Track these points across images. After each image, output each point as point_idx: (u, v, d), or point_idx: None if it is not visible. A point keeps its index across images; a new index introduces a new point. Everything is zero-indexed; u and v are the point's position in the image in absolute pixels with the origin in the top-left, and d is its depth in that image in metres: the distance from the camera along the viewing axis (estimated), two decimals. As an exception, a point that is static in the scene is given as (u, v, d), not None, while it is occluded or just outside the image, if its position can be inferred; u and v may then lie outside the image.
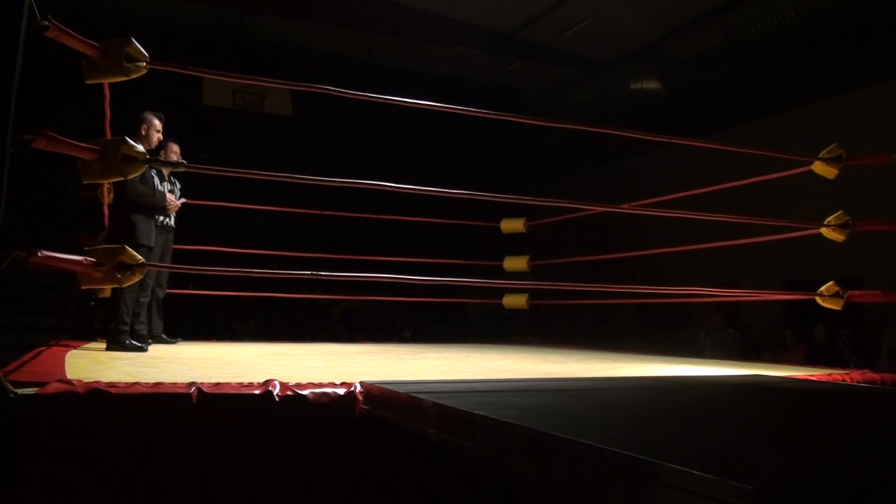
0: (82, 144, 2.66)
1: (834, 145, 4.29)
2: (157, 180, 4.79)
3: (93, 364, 3.36)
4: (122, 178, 3.06)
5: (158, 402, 2.20)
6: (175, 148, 5.13)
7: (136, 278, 2.78)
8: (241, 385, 2.38)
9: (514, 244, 7.01)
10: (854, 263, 7.18)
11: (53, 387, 2.13)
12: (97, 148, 2.70)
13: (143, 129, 4.60)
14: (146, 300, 4.82)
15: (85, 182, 2.83)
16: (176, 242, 5.29)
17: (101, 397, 2.13)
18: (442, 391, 2.35)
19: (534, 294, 6.94)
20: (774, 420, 2.16)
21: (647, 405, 2.37)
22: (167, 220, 5.06)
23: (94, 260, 2.65)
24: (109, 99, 3.82)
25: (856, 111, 8.38)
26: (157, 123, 4.68)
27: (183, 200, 5.19)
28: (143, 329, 4.76)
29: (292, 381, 2.45)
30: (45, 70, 6.32)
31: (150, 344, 4.76)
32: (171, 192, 5.04)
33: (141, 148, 2.81)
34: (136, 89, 3.65)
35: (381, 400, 2.37)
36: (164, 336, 5.27)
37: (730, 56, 8.57)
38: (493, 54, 10.62)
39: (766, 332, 8.32)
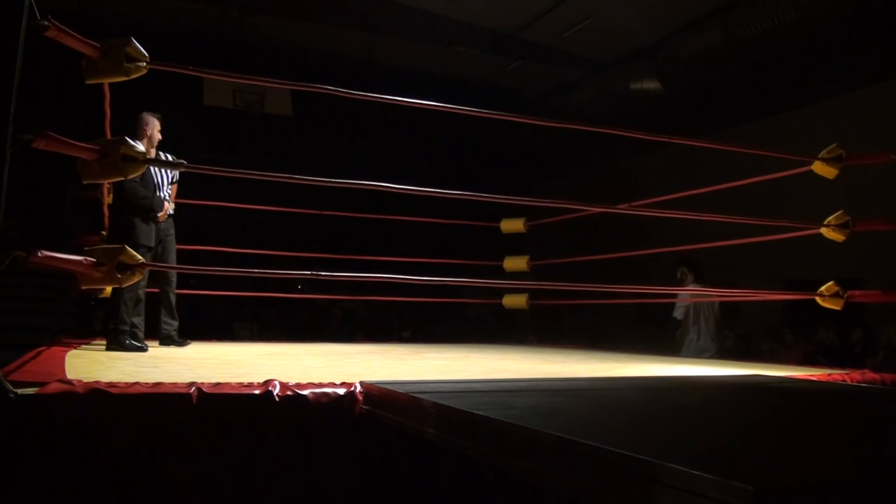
0: (82, 144, 2.66)
1: (834, 145, 4.29)
2: (157, 178, 4.77)
3: (93, 364, 3.35)
4: (121, 179, 3.07)
5: (158, 402, 2.19)
6: (156, 124, 4.72)
7: (136, 278, 2.78)
8: (241, 385, 2.38)
9: (514, 244, 7.01)
10: (854, 263, 7.18)
11: (53, 387, 2.13)
12: (97, 148, 2.70)
13: (146, 129, 4.59)
14: (142, 303, 4.76)
15: (85, 182, 2.83)
16: (176, 242, 5.25)
17: (101, 397, 2.13)
18: (442, 391, 2.35)
19: (534, 294, 6.94)
20: (774, 420, 2.16)
21: (647, 405, 2.37)
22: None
23: (94, 260, 2.65)
24: (109, 99, 3.82)
25: (856, 111, 8.39)
26: (157, 123, 4.68)
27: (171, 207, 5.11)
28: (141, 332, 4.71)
29: (292, 381, 2.45)
30: (46, 70, 6.32)
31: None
32: (167, 192, 4.97)
33: (141, 148, 2.81)
34: (136, 89, 3.65)
35: (381, 400, 2.37)
36: (174, 336, 5.11)
37: (730, 56, 8.57)
38: (493, 54, 10.63)
39: (767, 332, 8.32)
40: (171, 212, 5.07)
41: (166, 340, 4.95)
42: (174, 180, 5.08)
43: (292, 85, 3.58)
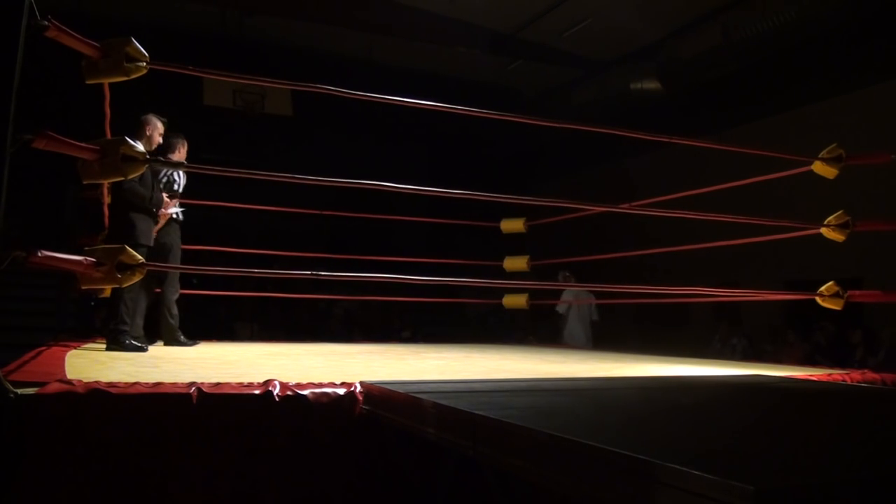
0: (82, 144, 2.66)
1: (834, 145, 4.29)
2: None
3: (93, 364, 3.35)
4: (121, 179, 3.07)
5: (158, 402, 2.19)
6: (159, 127, 4.75)
7: (136, 278, 2.77)
8: (241, 385, 2.38)
9: (514, 244, 7.01)
10: (854, 263, 7.18)
11: (53, 387, 2.13)
12: (97, 148, 2.70)
13: (146, 129, 4.59)
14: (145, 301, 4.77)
15: (85, 182, 2.83)
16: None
17: (101, 397, 2.13)
18: (442, 391, 2.35)
19: (534, 294, 6.94)
20: (774, 420, 2.16)
21: (647, 405, 2.37)
22: (176, 213, 5.02)
23: (94, 260, 2.65)
24: (109, 99, 3.82)
25: (856, 111, 8.38)
26: (161, 126, 4.68)
27: (179, 210, 5.11)
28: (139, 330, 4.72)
29: (292, 381, 2.45)
30: (46, 70, 6.32)
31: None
32: (173, 192, 4.97)
33: (141, 148, 2.81)
34: (137, 89, 3.65)
35: (381, 400, 2.37)
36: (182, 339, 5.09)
37: (730, 56, 8.57)
38: (493, 54, 10.62)
39: (768, 333, 8.33)
40: (179, 216, 5.07)
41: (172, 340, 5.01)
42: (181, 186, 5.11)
43: (292, 85, 3.58)
